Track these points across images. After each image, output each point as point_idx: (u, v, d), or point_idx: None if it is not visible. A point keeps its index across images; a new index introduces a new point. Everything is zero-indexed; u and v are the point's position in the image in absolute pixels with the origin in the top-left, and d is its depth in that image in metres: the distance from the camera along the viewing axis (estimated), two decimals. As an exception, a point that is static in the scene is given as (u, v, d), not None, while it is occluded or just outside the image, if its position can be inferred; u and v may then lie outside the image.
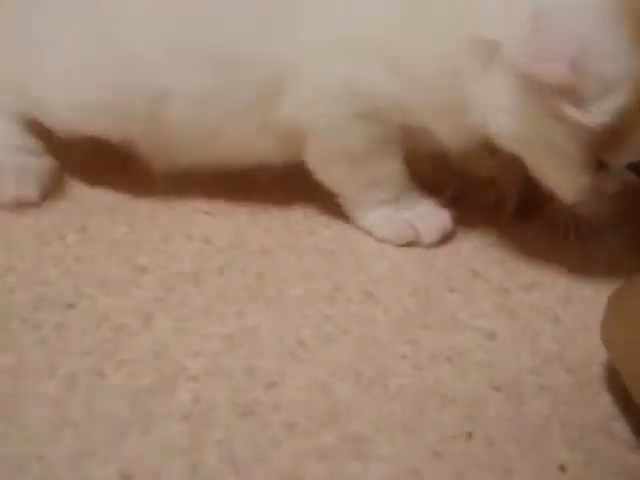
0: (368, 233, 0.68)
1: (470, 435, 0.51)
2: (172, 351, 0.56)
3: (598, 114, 0.53)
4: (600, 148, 0.56)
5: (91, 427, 0.50)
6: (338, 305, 0.61)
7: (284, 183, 0.68)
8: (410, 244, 0.67)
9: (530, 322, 0.60)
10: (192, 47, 0.62)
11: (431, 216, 0.67)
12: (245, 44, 0.62)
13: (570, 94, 0.53)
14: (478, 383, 0.55)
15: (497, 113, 0.57)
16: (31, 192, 0.68)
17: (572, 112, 0.53)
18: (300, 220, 0.69)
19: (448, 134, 0.61)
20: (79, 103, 0.65)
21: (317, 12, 0.61)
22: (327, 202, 0.68)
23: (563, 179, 0.59)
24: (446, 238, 0.67)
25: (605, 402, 0.54)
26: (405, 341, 0.58)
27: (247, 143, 0.66)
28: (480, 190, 0.67)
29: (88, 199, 0.70)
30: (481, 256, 0.66)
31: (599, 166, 0.58)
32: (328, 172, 0.66)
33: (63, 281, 0.61)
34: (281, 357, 0.56)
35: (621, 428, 0.52)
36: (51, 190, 0.69)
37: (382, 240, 0.67)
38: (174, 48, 0.63)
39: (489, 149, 0.61)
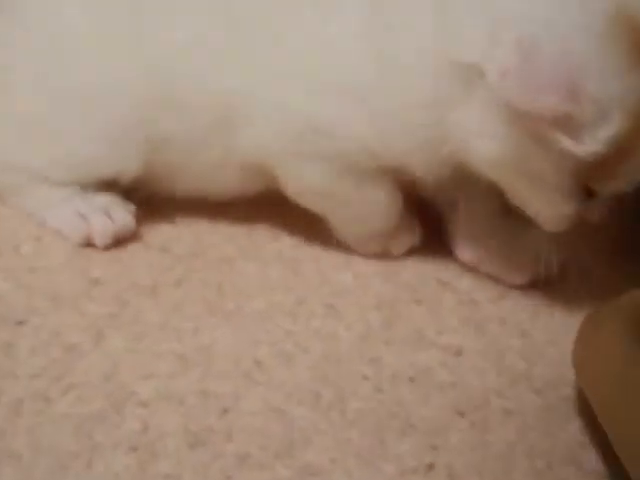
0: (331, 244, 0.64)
1: (431, 466, 0.49)
2: (123, 373, 0.53)
3: (592, 143, 0.50)
4: (588, 176, 0.53)
5: (33, 459, 0.48)
6: (300, 320, 0.58)
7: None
8: (376, 255, 0.64)
9: (498, 337, 0.58)
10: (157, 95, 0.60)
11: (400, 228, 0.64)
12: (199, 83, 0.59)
13: (563, 123, 0.49)
14: (441, 407, 0.53)
15: (478, 140, 0.53)
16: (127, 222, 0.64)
17: (565, 141, 0.50)
18: (263, 227, 0.66)
19: (423, 167, 0.57)
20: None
21: (276, 42, 0.57)
22: (291, 209, 0.64)
23: (547, 208, 0.56)
24: (413, 248, 0.65)
25: (574, 428, 0.52)
26: (367, 360, 0.56)
27: (217, 177, 0.63)
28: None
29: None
30: (449, 266, 0.64)
31: (587, 194, 0.54)
32: (308, 206, 0.62)
33: (14, 295, 0.59)
34: (237, 379, 0.53)
35: (590, 456, 0.50)
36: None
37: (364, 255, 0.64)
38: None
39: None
